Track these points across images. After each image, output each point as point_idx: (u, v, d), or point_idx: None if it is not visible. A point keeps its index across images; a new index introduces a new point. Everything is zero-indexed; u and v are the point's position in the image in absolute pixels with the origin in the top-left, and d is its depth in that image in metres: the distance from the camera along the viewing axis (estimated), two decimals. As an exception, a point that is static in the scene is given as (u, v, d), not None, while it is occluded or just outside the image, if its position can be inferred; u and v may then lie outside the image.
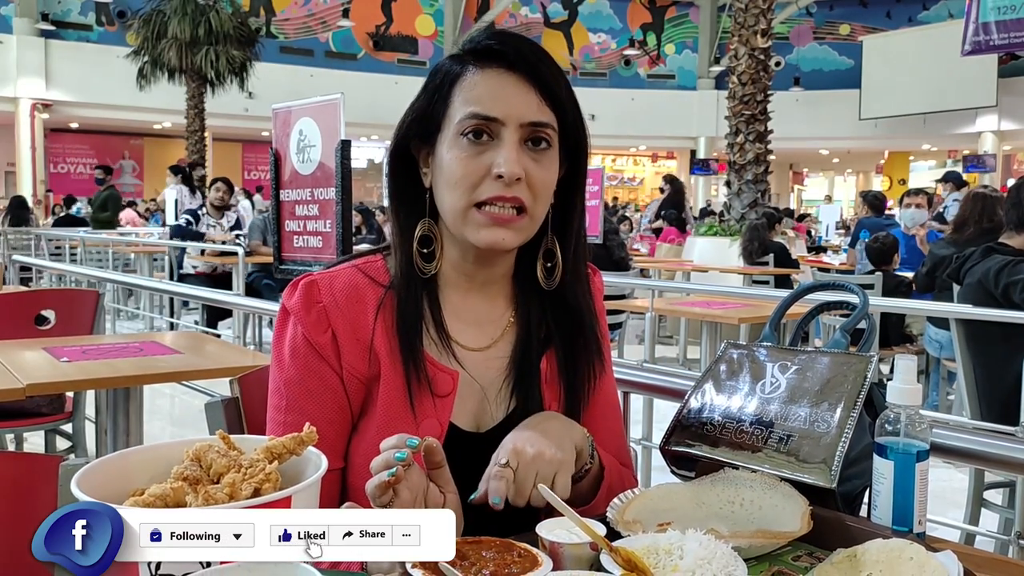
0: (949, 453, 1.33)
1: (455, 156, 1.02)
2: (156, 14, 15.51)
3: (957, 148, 22.52)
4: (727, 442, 1.10)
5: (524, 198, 1.01)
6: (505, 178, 0.99)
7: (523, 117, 1.01)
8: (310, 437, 0.74)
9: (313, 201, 1.80)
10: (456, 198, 1.02)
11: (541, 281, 1.10)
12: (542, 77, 1.02)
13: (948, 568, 0.85)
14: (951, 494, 3.53)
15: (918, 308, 3.71)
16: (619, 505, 1.01)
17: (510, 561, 0.84)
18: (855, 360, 1.10)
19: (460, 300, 1.11)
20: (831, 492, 1.02)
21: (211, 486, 0.66)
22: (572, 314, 1.12)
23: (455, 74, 1.04)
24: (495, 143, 1.01)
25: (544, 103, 1.03)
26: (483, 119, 1.00)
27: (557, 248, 1.10)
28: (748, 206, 9.07)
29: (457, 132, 1.02)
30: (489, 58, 1.03)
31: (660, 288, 5.93)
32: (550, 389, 1.11)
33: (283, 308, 1.09)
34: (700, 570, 0.83)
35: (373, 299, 1.07)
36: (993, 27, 15.09)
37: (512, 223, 1.02)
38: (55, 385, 2.18)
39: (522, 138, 1.01)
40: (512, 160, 0.99)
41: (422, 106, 1.06)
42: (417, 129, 1.07)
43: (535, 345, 1.11)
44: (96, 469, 0.70)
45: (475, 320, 1.12)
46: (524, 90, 1.02)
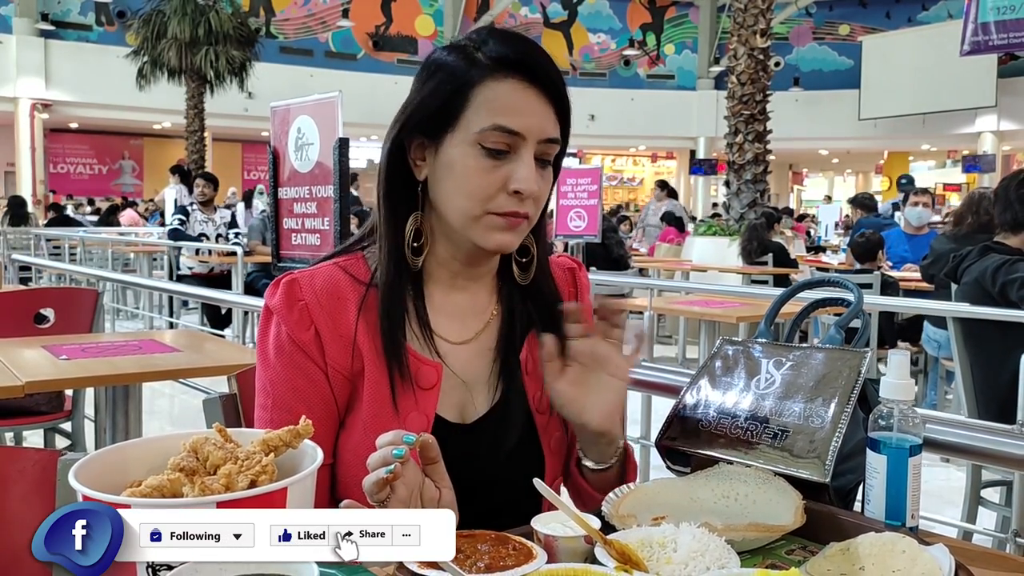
0: (948, 449, 1.33)
1: (473, 166, 1.01)
2: (156, 14, 15.53)
3: (956, 148, 22.54)
4: (722, 437, 1.11)
5: (531, 212, 1.04)
6: (523, 194, 1.01)
7: (543, 133, 1.02)
8: (306, 430, 0.75)
9: (311, 199, 1.80)
10: (470, 206, 1.02)
11: (516, 276, 1.13)
12: (560, 93, 1.04)
13: (940, 561, 0.86)
14: (949, 493, 3.54)
15: (915, 307, 3.72)
16: (614, 500, 1.02)
17: (505, 554, 0.85)
18: (849, 356, 1.11)
19: (443, 295, 1.12)
20: (825, 487, 1.03)
21: (207, 477, 0.67)
22: (549, 306, 1.14)
23: (474, 77, 1.02)
24: (512, 157, 1.01)
25: (558, 121, 1.04)
26: (508, 132, 1.00)
27: (533, 245, 1.13)
28: (747, 206, 9.09)
29: (476, 140, 1.01)
30: (510, 67, 1.01)
31: (658, 287, 5.94)
32: (532, 380, 1.13)
33: (266, 307, 1.10)
34: (693, 562, 0.83)
35: (355, 296, 1.08)
36: (992, 27, 15.10)
37: (518, 227, 1.05)
38: (54, 383, 2.19)
39: (536, 154, 1.03)
40: (531, 179, 1.01)
41: (432, 101, 1.03)
42: (424, 123, 1.04)
43: (517, 337, 1.14)
44: (93, 461, 0.71)
45: (457, 314, 1.13)
46: (544, 106, 1.02)
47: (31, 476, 1.00)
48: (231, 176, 20.78)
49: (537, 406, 1.13)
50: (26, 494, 1.01)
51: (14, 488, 1.00)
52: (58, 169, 22.16)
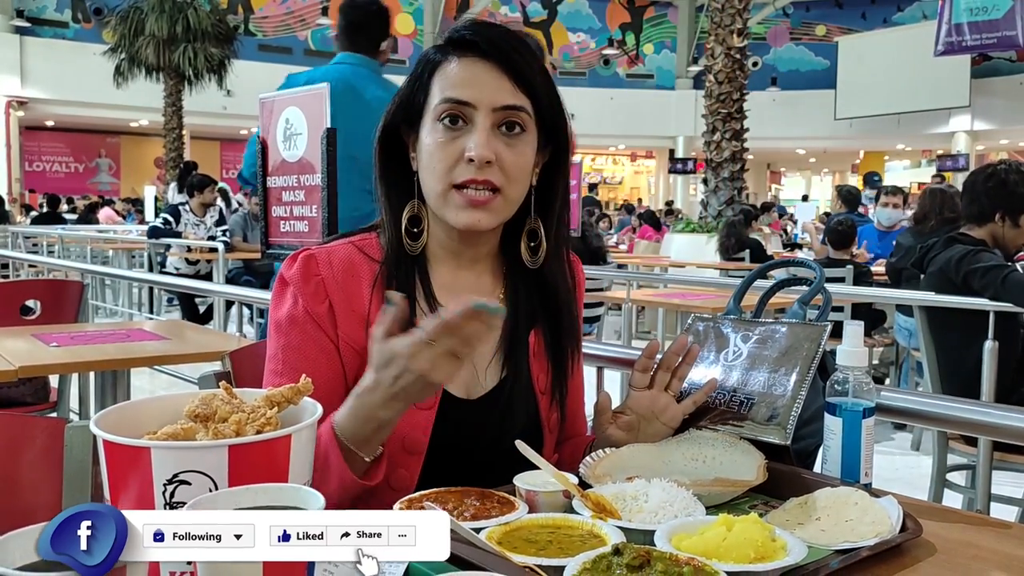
0: (918, 417, 1.39)
1: (433, 140, 1.07)
2: (133, 11, 15.44)
3: (931, 148, 22.84)
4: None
5: (497, 180, 1.07)
6: (476, 161, 1.05)
7: (495, 102, 1.07)
8: (306, 387, 0.81)
9: (299, 187, 1.86)
10: (435, 181, 1.08)
11: (525, 260, 1.16)
12: (514, 64, 1.08)
13: (889, 511, 0.93)
14: (918, 480, 3.63)
15: (883, 296, 3.82)
16: (591, 463, 1.08)
17: (490, 507, 0.92)
18: (811, 329, 1.19)
19: (449, 276, 1.17)
20: (786, 449, 1.10)
21: (220, 424, 0.73)
22: (554, 293, 1.19)
23: (435, 62, 1.10)
24: (469, 128, 1.07)
25: (518, 88, 1.08)
26: (455, 103, 1.06)
27: (540, 228, 1.16)
28: (725, 203, 9.20)
29: (434, 117, 1.08)
30: (465, 47, 1.09)
31: (637, 279, 6.03)
32: (538, 362, 1.18)
33: (281, 279, 1.14)
34: (662, 511, 0.90)
35: (368, 274, 1.13)
36: (966, 28, 15.34)
37: (487, 204, 1.07)
38: (47, 367, 2.22)
39: (495, 123, 1.07)
40: (482, 144, 1.05)
41: (406, 93, 1.12)
42: (402, 115, 1.12)
43: (523, 320, 1.18)
44: (112, 414, 0.76)
45: (464, 293, 1.16)
46: (496, 76, 1.07)
47: (40, 443, 1.06)
48: (210, 174, 20.60)
49: (541, 388, 1.18)
50: (35, 459, 1.06)
51: (24, 454, 1.05)
52: (34, 167, 21.96)
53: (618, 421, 1.14)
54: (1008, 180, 2.80)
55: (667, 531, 0.84)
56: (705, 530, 0.84)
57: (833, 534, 0.89)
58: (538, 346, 1.18)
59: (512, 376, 1.16)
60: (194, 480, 0.68)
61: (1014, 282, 2.63)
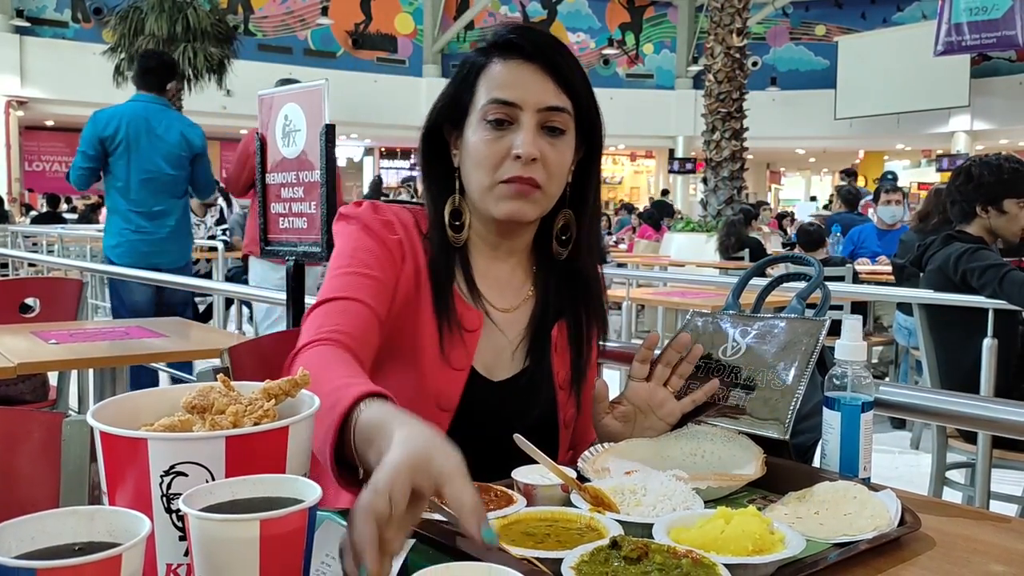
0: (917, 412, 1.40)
1: (480, 139, 1.13)
2: (133, 11, 15.40)
3: (930, 148, 22.83)
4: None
5: (539, 177, 1.12)
6: (523, 158, 1.10)
7: (540, 103, 1.12)
8: (303, 380, 0.81)
9: (298, 184, 1.86)
10: (481, 176, 1.14)
11: (556, 252, 1.22)
12: (557, 66, 1.13)
13: (888, 505, 0.93)
14: (918, 478, 3.64)
15: (882, 294, 3.82)
16: (590, 457, 1.09)
17: (488, 500, 0.92)
18: (809, 324, 1.19)
19: (487, 264, 1.22)
20: (785, 444, 1.10)
21: (217, 415, 0.73)
22: (585, 284, 1.24)
23: (480, 65, 1.16)
24: (514, 127, 1.12)
25: (560, 90, 1.13)
26: (502, 104, 1.12)
27: (573, 222, 1.22)
28: (724, 202, 9.20)
29: (481, 117, 1.13)
30: (509, 50, 1.14)
31: (637, 278, 6.03)
32: (559, 356, 1.22)
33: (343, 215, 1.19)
34: (660, 504, 0.90)
35: (421, 240, 1.19)
36: (965, 28, 15.33)
37: (530, 195, 1.13)
38: (46, 364, 2.22)
39: (539, 123, 1.13)
40: (529, 142, 1.11)
41: (451, 93, 1.18)
42: (447, 115, 1.18)
43: (550, 316, 1.23)
44: (109, 406, 0.76)
45: (499, 284, 1.23)
46: (541, 78, 1.13)
47: (38, 437, 1.06)
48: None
49: (560, 382, 1.22)
50: (33, 454, 1.06)
51: (22, 448, 1.05)
52: (34, 167, 21.94)
53: (615, 411, 1.16)
54: (974, 173, 2.85)
55: (665, 524, 0.84)
56: (703, 523, 0.84)
57: (832, 527, 0.89)
58: (560, 340, 1.23)
59: (533, 365, 1.20)
60: (191, 472, 0.68)
61: (1011, 281, 2.64)
